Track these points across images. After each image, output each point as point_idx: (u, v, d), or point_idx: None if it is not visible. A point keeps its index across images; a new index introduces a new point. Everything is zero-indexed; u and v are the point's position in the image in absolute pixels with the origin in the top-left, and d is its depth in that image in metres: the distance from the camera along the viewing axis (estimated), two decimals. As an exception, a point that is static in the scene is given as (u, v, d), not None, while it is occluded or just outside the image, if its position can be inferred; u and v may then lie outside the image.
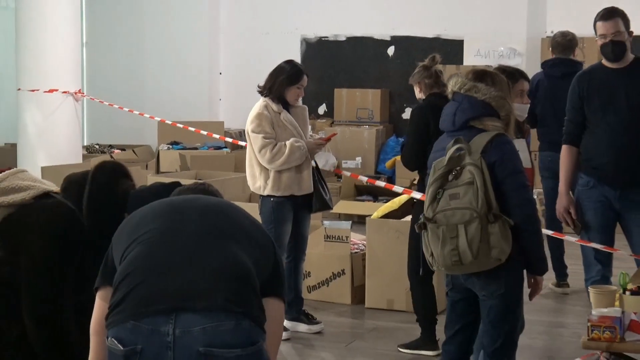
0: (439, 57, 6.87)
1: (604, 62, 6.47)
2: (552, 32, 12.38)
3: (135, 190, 3.88)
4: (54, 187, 4.10)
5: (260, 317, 3.11)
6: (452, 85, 4.95)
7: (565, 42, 8.72)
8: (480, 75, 4.91)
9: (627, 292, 4.04)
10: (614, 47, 6.31)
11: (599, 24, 6.36)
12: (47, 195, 3.97)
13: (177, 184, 3.78)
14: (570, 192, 6.59)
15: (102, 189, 3.80)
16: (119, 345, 2.96)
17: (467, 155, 4.65)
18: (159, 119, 12.12)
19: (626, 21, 6.36)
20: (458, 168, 4.67)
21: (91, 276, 3.39)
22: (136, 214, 3.38)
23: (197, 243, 3.15)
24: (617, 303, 4.15)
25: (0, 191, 3.94)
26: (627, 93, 6.33)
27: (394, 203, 8.57)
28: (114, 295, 3.10)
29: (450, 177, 4.69)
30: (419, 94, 6.83)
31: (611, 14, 6.33)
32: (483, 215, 4.57)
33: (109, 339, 3.03)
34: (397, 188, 7.88)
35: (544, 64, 8.82)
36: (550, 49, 8.90)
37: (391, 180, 12.30)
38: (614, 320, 3.98)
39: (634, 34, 6.53)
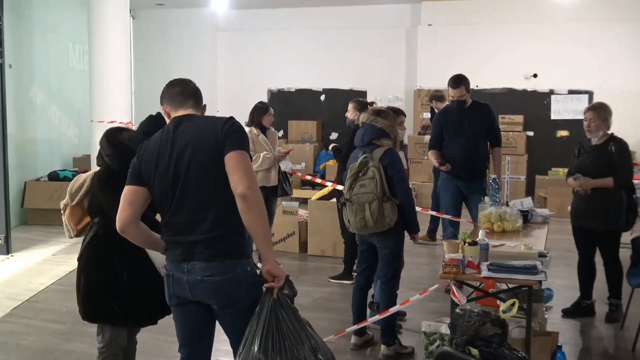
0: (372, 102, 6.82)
1: (455, 104, 6.54)
2: (420, 86, 12.50)
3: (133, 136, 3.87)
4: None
5: (233, 249, 2.89)
6: (362, 118, 4.99)
7: (439, 95, 8.93)
8: (377, 111, 4.94)
9: (466, 244, 4.08)
10: (458, 104, 6.40)
11: (450, 89, 6.39)
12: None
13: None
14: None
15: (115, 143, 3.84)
16: (166, 269, 3.02)
17: (371, 161, 4.69)
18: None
19: (467, 85, 6.38)
20: (365, 169, 4.69)
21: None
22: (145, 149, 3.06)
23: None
24: (460, 250, 4.19)
25: None
26: (469, 123, 6.42)
27: (324, 191, 8.61)
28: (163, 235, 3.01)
29: (360, 174, 4.72)
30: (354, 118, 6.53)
31: (457, 84, 6.34)
32: (380, 198, 4.60)
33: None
34: (328, 183, 7.88)
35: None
36: (432, 100, 8.98)
37: (323, 176, 12.34)
38: (459, 261, 4.03)
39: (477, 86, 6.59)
